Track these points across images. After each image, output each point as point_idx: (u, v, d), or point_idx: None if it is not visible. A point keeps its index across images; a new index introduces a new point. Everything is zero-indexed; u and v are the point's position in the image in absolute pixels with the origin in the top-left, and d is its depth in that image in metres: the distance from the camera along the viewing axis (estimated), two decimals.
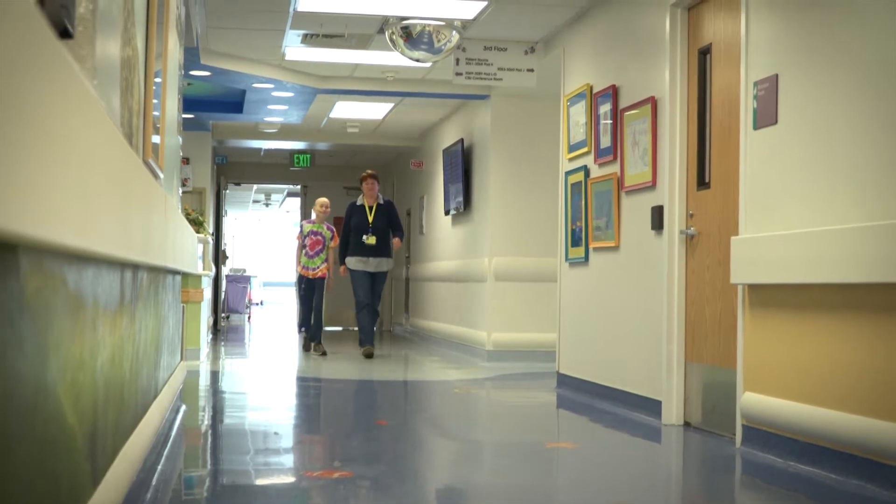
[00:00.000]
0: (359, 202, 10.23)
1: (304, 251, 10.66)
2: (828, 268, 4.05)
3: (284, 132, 13.69)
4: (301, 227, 10.85)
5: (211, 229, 12.97)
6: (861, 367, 3.93)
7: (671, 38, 5.71)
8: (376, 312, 10.19)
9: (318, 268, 10.61)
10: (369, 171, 10.27)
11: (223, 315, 18.49)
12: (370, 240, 10.01)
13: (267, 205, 25.85)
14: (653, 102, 5.93)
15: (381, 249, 10.09)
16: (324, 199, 10.89)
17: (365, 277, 10.06)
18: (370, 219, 10.09)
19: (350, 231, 10.19)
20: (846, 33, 4.11)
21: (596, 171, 6.88)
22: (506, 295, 9.78)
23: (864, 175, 3.96)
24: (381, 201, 10.21)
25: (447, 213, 11.69)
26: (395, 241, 10.16)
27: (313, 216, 10.83)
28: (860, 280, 3.86)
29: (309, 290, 10.66)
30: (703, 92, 5.50)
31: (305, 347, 10.93)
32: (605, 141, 6.70)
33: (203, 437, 5.39)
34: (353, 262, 10.09)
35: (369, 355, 10.01)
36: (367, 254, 10.05)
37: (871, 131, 3.93)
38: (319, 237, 10.67)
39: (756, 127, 4.73)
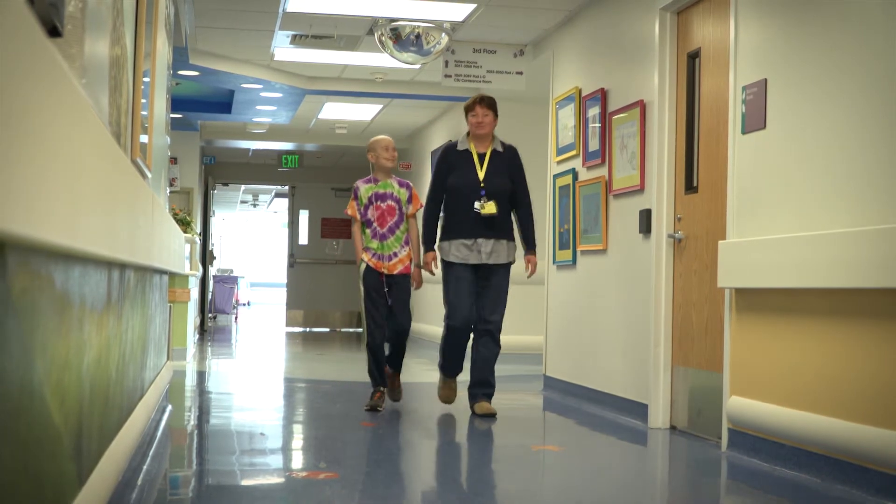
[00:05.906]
0: (460, 146, 6.05)
1: (368, 231, 6.10)
2: (815, 272, 4.06)
3: (273, 133, 13.67)
4: (356, 191, 6.21)
5: (198, 229, 12.94)
6: (847, 372, 3.94)
7: (660, 41, 5.72)
8: (496, 340, 6.15)
9: (397, 255, 6.10)
10: (482, 94, 6.16)
11: (210, 315, 18.45)
12: (487, 208, 5.82)
13: (255, 205, 25.81)
14: (641, 106, 5.94)
15: (501, 226, 5.91)
16: (386, 138, 6.35)
17: (466, 277, 5.90)
18: (481, 174, 5.92)
19: (445, 194, 6.00)
20: (835, 39, 4.12)
21: (584, 175, 6.89)
22: None
23: (853, 180, 3.97)
24: (501, 147, 6.06)
25: None
26: (530, 259, 5.97)
27: (371, 171, 6.32)
28: (847, 285, 3.87)
29: (383, 294, 6.16)
30: (691, 96, 5.51)
31: (376, 402, 6.12)
32: (594, 144, 6.71)
33: (189, 437, 5.37)
34: (450, 248, 5.91)
35: (448, 401, 6.32)
36: (477, 233, 5.85)
37: (859, 136, 3.94)
38: (392, 201, 6.13)
39: (744, 131, 4.74)
